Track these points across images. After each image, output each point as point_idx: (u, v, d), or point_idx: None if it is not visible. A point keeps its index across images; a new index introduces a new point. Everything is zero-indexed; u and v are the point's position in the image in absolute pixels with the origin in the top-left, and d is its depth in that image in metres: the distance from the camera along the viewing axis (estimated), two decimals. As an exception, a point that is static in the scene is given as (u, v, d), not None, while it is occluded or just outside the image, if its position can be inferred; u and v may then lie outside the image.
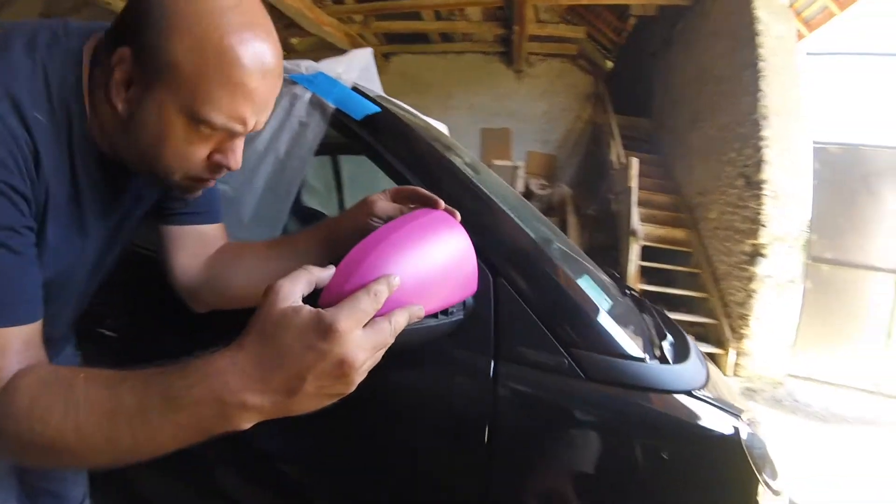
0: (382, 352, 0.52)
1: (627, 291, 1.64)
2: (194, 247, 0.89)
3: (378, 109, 1.18)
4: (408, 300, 0.55)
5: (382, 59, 10.27)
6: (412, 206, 0.78)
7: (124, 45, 0.60)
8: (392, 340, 0.52)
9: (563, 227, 7.39)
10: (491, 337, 0.95)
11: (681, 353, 1.24)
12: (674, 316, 5.83)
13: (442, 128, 2.90)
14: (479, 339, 0.95)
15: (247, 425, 0.50)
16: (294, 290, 0.51)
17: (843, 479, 3.38)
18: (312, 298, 0.53)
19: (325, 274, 0.54)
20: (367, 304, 0.50)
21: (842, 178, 5.54)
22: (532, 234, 1.12)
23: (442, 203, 0.74)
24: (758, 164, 5.33)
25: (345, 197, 2.93)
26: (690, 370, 1.13)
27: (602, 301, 1.20)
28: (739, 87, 5.75)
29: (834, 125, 5.60)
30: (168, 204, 0.87)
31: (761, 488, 0.97)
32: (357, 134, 1.19)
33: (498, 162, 9.20)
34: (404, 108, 1.57)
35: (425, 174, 1.11)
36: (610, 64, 10.41)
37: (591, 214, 8.04)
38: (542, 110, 10.22)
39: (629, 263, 5.96)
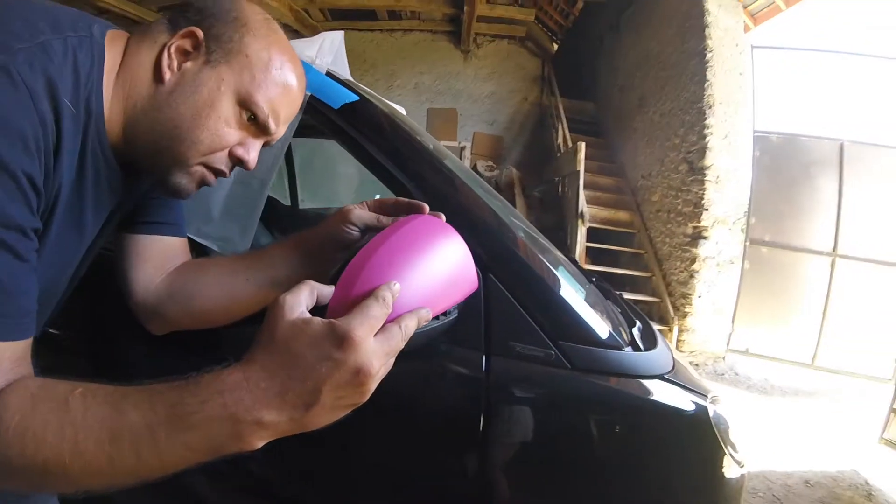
0: (394, 358, 0.52)
1: (592, 279, 1.68)
2: (158, 259, 0.84)
3: (356, 97, 1.15)
4: (413, 304, 0.55)
5: (328, 37, 10.01)
6: (394, 218, 0.76)
7: (196, 26, 0.66)
8: (403, 345, 0.51)
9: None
10: (482, 333, 0.96)
11: (649, 340, 1.30)
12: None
13: (401, 110, 2.86)
14: (472, 335, 0.96)
15: (259, 444, 0.48)
16: (299, 301, 0.50)
17: (784, 448, 3.62)
18: (316, 314, 0.51)
19: (327, 290, 0.53)
20: (377, 310, 0.49)
21: (781, 165, 5.84)
22: (512, 227, 1.13)
23: (427, 208, 0.73)
24: (701, 150, 5.61)
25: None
26: (660, 356, 1.20)
27: (579, 292, 1.23)
28: (686, 76, 5.97)
29: (775, 115, 5.90)
30: (138, 211, 0.84)
31: (727, 460, 1.09)
32: (333, 122, 1.15)
33: (444, 143, 9.16)
34: (370, 92, 1.53)
35: (407, 166, 1.09)
36: (555, 46, 10.51)
37: (537, 196, 8.16)
38: (489, 91, 10.24)
39: (576, 245, 6.10)
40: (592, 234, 6.44)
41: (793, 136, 5.86)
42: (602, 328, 1.11)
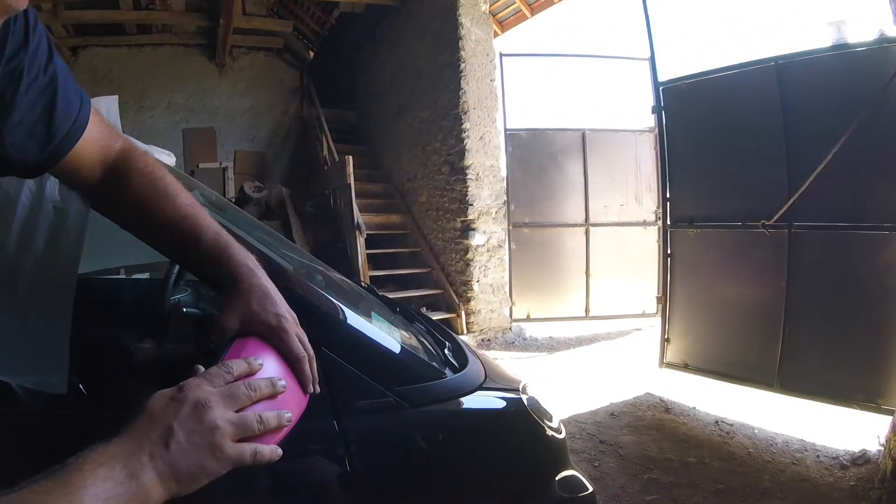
0: (248, 408, 0.59)
1: (397, 308, 1.80)
2: (79, 168, 0.75)
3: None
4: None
5: (70, 55, 8.72)
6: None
7: None
8: (249, 398, 0.59)
9: (287, 228, 7.32)
10: (328, 402, 1.03)
11: (460, 356, 1.49)
12: (406, 293, 6.30)
13: (168, 159, 2.66)
14: (319, 407, 1.02)
15: (159, 496, 0.51)
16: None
17: (582, 391, 4.18)
18: None
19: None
20: (216, 370, 0.60)
21: (531, 156, 6.82)
22: (329, 293, 1.22)
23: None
24: (461, 152, 6.26)
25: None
26: (473, 371, 1.42)
27: (393, 333, 1.36)
28: (441, 85, 6.55)
29: (523, 114, 6.90)
30: (25, 145, 0.66)
31: (547, 432, 1.39)
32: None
33: (204, 165, 8.62)
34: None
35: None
36: (312, 55, 10.48)
37: (310, 211, 8.04)
38: (248, 106, 9.88)
39: (357, 256, 6.26)
40: (370, 241, 6.67)
41: (541, 131, 6.88)
42: (424, 365, 1.28)
